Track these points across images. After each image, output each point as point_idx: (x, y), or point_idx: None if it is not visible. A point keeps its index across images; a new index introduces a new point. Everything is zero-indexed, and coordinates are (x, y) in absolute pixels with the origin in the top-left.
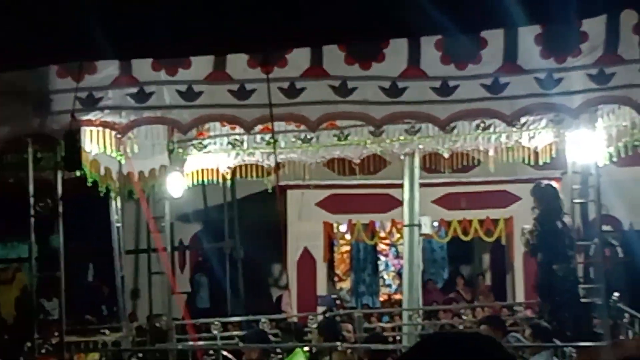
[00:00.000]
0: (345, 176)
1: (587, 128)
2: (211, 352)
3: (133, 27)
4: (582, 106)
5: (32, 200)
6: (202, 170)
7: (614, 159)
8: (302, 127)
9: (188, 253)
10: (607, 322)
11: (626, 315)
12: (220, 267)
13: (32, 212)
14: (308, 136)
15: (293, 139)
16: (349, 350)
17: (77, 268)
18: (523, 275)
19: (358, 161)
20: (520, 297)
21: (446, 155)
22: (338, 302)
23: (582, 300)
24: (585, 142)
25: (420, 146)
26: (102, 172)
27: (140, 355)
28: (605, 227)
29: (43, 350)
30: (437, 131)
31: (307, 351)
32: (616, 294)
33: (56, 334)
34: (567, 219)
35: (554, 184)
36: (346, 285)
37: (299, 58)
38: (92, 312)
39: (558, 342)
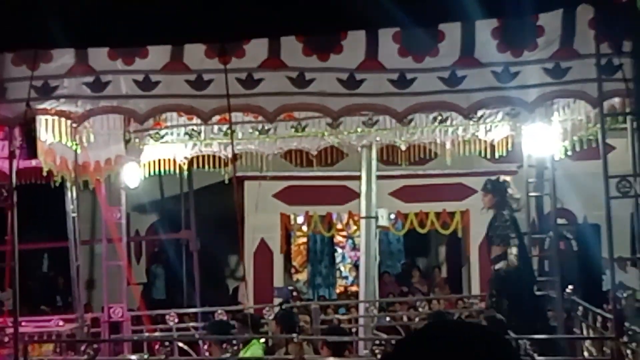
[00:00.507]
0: (302, 168)
1: (542, 122)
2: (167, 343)
3: (89, 16)
4: (538, 100)
5: None
6: (159, 160)
7: (569, 153)
8: (260, 118)
9: (144, 244)
10: (562, 315)
11: (580, 308)
12: (176, 258)
13: None
14: (266, 127)
15: (250, 130)
16: (305, 342)
17: (33, 257)
18: (479, 268)
19: (315, 153)
20: (475, 289)
21: (403, 147)
22: (295, 293)
23: (537, 292)
24: (540, 135)
25: (378, 138)
26: (58, 161)
27: (95, 346)
28: (560, 221)
29: None
30: (394, 123)
31: (264, 342)
32: (570, 286)
33: (10, 324)
34: (518, 215)
35: (506, 178)
36: (303, 277)
37: (256, 49)
38: (46, 303)
39: (513, 335)
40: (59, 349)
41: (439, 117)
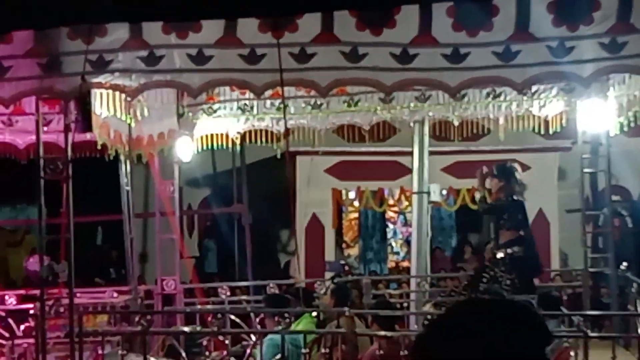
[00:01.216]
0: (354, 143)
1: (598, 97)
2: (219, 315)
3: None
4: (594, 75)
5: (41, 162)
6: (212, 135)
7: (625, 129)
8: (312, 92)
9: (197, 217)
10: (615, 292)
11: (634, 285)
12: (228, 232)
13: (41, 174)
14: (318, 102)
15: (303, 105)
16: (356, 316)
17: (88, 231)
18: None
19: (368, 128)
20: None
21: (456, 123)
22: (346, 268)
23: (590, 269)
24: (595, 111)
25: (430, 113)
26: (112, 135)
27: (148, 317)
28: (614, 197)
29: (52, 312)
30: (447, 99)
31: (315, 316)
32: (624, 263)
33: (65, 295)
34: (570, 191)
35: (514, 163)
36: (354, 252)
37: (309, 24)
38: (101, 275)
39: (565, 311)
40: (113, 320)
41: (493, 92)
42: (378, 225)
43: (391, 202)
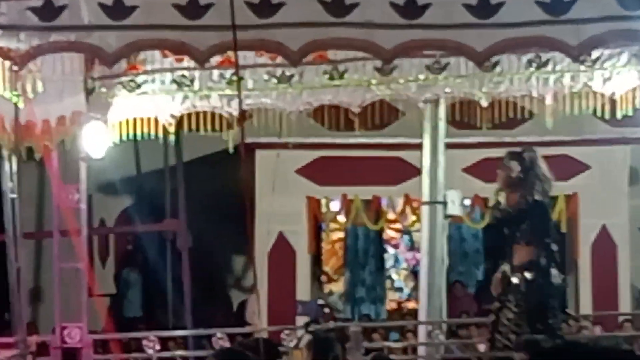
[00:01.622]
0: (339, 132)
1: None
2: None
3: None
4: None
5: None
6: (135, 119)
7: None
8: (279, 59)
9: (113, 238)
10: None
11: None
12: (158, 259)
13: None
14: (287, 73)
15: (266, 78)
16: None
17: None
18: (591, 277)
19: (358, 110)
20: (587, 306)
21: (484, 103)
22: (326, 311)
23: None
24: None
25: (448, 90)
26: None
27: None
28: None
29: None
30: (471, 68)
31: None
32: None
33: None
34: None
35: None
36: (338, 287)
37: None
38: None
39: None
40: None
41: (537, 60)
42: (372, 250)
43: (391, 216)
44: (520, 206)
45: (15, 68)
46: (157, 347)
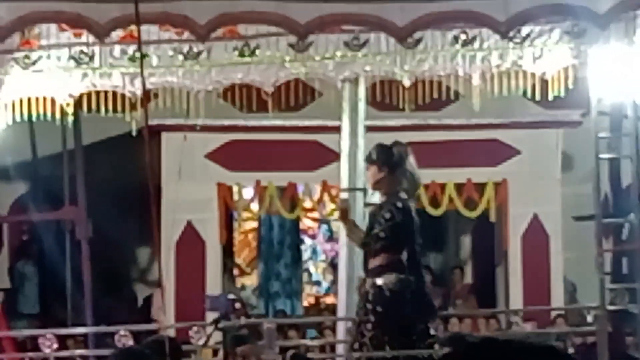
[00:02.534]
0: (251, 114)
1: (621, 44)
2: None
3: None
4: (615, 10)
5: None
6: (30, 99)
7: None
8: (186, 35)
9: (6, 228)
10: None
11: None
12: (55, 250)
13: None
14: (194, 49)
15: (171, 54)
16: None
17: None
18: (521, 269)
19: (271, 90)
20: (517, 300)
21: (407, 83)
22: (237, 306)
23: (610, 307)
24: (617, 66)
25: (368, 68)
26: None
27: None
28: None
29: None
30: (393, 46)
31: None
32: None
33: None
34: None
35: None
36: (251, 281)
37: None
38: None
39: None
40: None
41: (463, 37)
42: (288, 241)
43: (308, 204)
44: (383, 206)
45: None
46: (55, 345)
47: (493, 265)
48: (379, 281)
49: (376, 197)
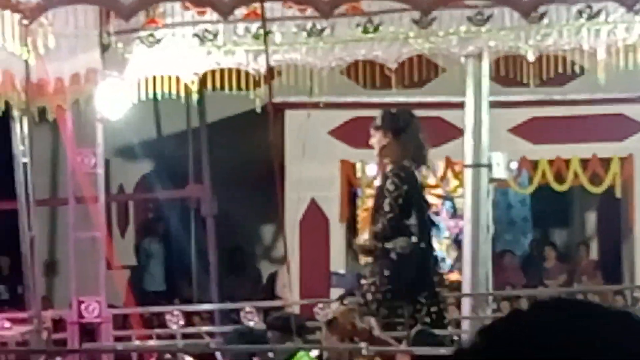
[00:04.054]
0: (374, 90)
1: None
2: (167, 356)
3: None
4: None
5: None
6: (154, 77)
7: None
8: (309, 11)
9: (132, 206)
10: None
11: None
12: (181, 229)
13: None
14: (318, 26)
15: (295, 31)
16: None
17: None
18: None
19: (395, 66)
20: None
21: (531, 58)
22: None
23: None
24: None
25: (492, 43)
26: (0, 78)
27: (59, 359)
28: None
29: None
30: (517, 20)
31: (317, 357)
32: None
33: None
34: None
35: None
36: None
37: None
38: None
39: None
40: None
41: (587, 10)
42: None
43: (432, 181)
44: (387, 177)
45: (25, 22)
46: (181, 322)
47: (619, 241)
48: (390, 245)
49: (501, 172)
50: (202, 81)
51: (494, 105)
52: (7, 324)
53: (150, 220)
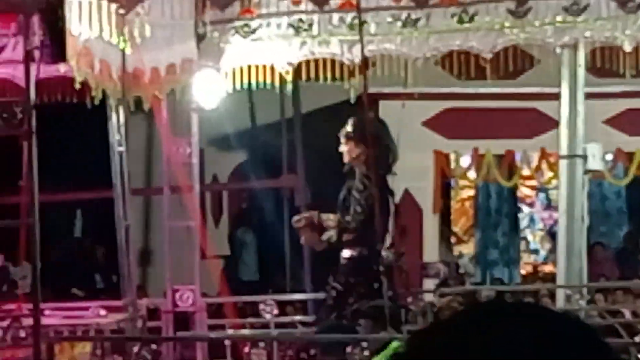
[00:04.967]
0: (469, 81)
1: None
2: (261, 345)
3: None
4: None
5: None
6: (249, 67)
7: None
8: (404, 1)
9: (226, 196)
10: None
11: None
12: (275, 218)
13: None
14: (413, 17)
15: (389, 20)
16: None
17: (59, 216)
18: None
19: (489, 57)
20: None
21: (628, 48)
22: (459, 272)
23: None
24: None
25: (588, 33)
26: (97, 67)
27: (154, 347)
28: None
29: (9, 337)
30: (614, 10)
31: None
32: None
33: (28, 313)
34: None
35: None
36: (468, 249)
37: None
38: (80, 283)
39: None
40: (100, 351)
41: None
42: (506, 209)
43: (526, 172)
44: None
45: (122, 12)
46: (275, 311)
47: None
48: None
49: (596, 164)
50: (297, 71)
51: (588, 96)
52: (103, 312)
53: (244, 210)
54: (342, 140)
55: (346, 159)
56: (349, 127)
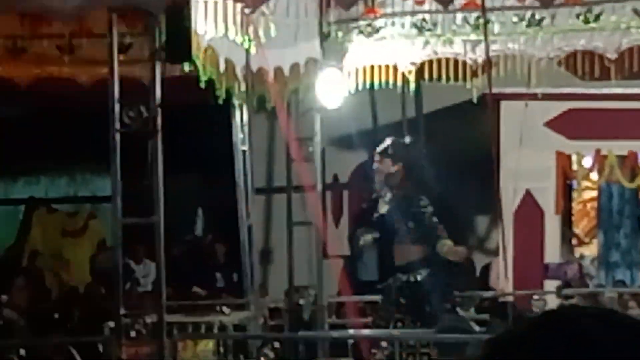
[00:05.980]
0: (592, 81)
1: None
2: (384, 344)
3: None
4: None
5: (117, 107)
6: (372, 67)
7: None
8: (529, 0)
9: (347, 196)
10: None
11: None
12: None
13: (117, 125)
14: (537, 16)
15: (514, 20)
16: None
17: (181, 214)
18: None
19: (614, 57)
20: None
21: None
22: (579, 275)
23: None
24: None
25: None
26: (222, 66)
27: (276, 345)
28: None
29: (133, 334)
30: None
31: None
32: None
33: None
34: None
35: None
36: (591, 251)
37: None
38: (202, 282)
39: None
40: (223, 349)
41: None
42: (628, 211)
43: None
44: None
45: (247, 11)
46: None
47: None
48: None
49: None
50: (420, 71)
51: None
52: (226, 310)
53: (364, 210)
54: (377, 157)
55: (379, 176)
56: (388, 147)
